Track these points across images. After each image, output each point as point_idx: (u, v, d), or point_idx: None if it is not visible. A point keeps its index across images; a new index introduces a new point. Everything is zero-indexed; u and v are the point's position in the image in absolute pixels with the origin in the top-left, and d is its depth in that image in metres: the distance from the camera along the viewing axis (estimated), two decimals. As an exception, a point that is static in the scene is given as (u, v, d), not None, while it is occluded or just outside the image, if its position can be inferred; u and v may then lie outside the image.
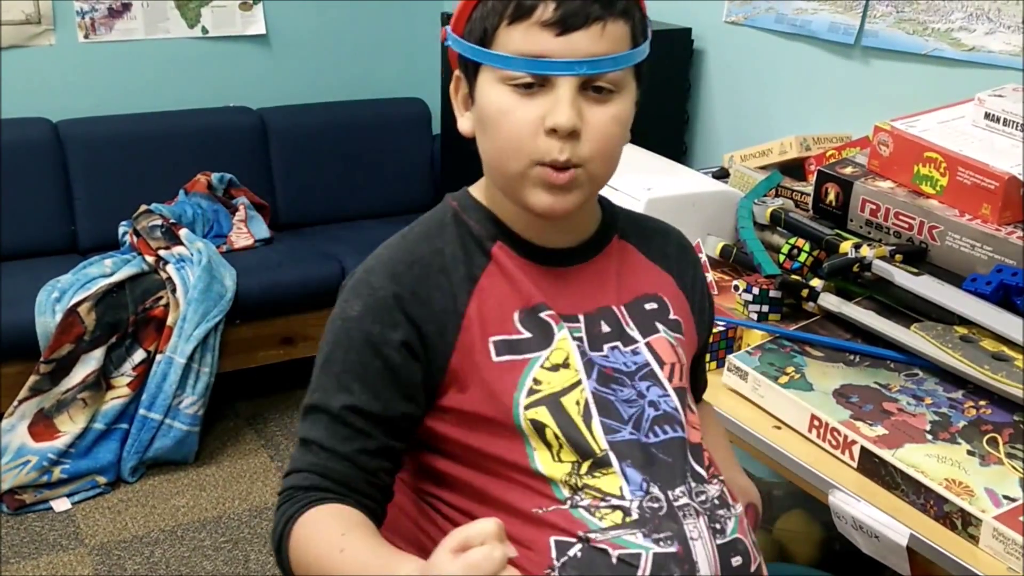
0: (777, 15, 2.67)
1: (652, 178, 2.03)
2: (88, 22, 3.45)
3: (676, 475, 1.01)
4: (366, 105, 3.81)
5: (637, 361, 1.06)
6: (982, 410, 1.46)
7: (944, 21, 2.22)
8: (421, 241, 1.07)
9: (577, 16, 0.96)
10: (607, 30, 0.98)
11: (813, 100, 2.61)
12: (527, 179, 1.00)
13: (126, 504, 2.88)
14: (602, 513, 0.97)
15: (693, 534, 0.98)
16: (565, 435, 0.99)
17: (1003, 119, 1.76)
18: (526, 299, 1.04)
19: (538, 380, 1.01)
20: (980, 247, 1.65)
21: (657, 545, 0.96)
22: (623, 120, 1.02)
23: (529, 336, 1.03)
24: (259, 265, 3.21)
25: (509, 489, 1.00)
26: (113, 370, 2.93)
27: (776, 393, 1.54)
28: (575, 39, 0.97)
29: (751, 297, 1.76)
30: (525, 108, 0.98)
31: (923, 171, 1.77)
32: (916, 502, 1.34)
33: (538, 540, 0.97)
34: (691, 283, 1.18)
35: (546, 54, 0.97)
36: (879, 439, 1.41)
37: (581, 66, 0.97)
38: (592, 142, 0.99)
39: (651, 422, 1.03)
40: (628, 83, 1.02)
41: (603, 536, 0.96)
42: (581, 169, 1.00)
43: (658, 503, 0.99)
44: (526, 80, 0.98)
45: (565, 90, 0.97)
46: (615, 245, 1.13)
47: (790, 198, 2.08)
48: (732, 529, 1.02)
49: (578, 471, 0.99)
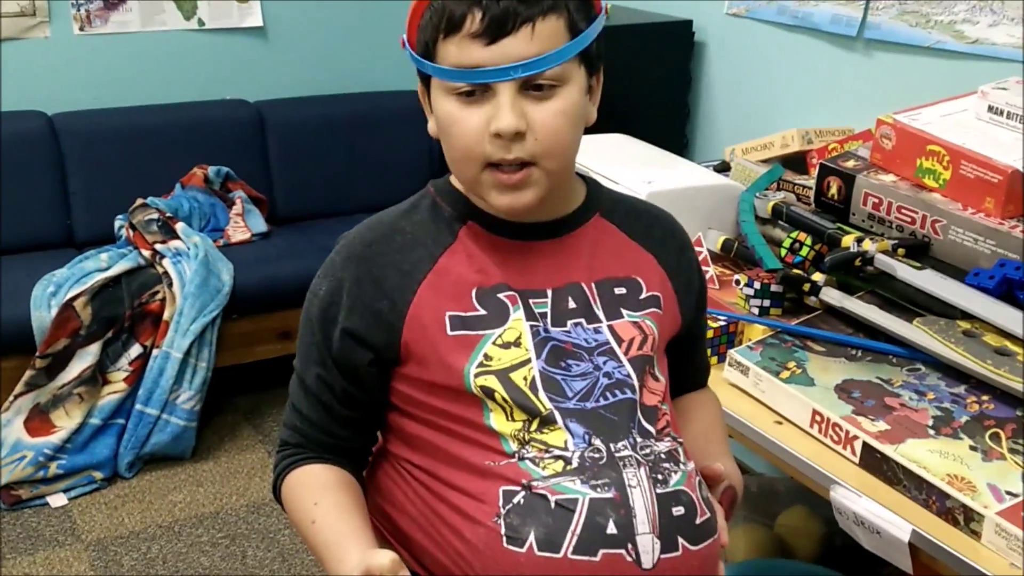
0: (779, 7, 2.65)
1: (653, 171, 2.03)
2: (83, 14, 3.44)
3: (620, 430, 1.06)
4: (364, 98, 3.79)
5: (598, 339, 1.10)
6: (985, 405, 1.45)
7: (947, 13, 2.21)
8: (388, 221, 1.15)
9: (504, 23, 1.00)
10: (537, 30, 1.01)
11: (815, 93, 2.60)
12: (483, 183, 1.06)
13: (123, 500, 2.88)
14: (545, 463, 1.03)
15: (632, 482, 1.03)
16: (513, 399, 1.05)
17: (1006, 112, 1.75)
18: (486, 278, 1.09)
19: (489, 356, 1.06)
20: (983, 241, 1.64)
21: (594, 491, 1.02)
22: (570, 111, 1.05)
23: (484, 313, 1.08)
24: (256, 259, 3.20)
25: (465, 446, 1.06)
26: (109, 365, 2.92)
27: (777, 388, 1.54)
28: (505, 45, 1.00)
29: (752, 291, 1.75)
30: (470, 116, 1.03)
31: (926, 164, 1.76)
32: (918, 497, 1.34)
33: (488, 491, 1.03)
34: (675, 264, 1.20)
35: (480, 63, 1.01)
36: (881, 434, 1.40)
37: (516, 70, 1.00)
38: (540, 139, 1.03)
39: (603, 389, 1.08)
40: (572, 73, 1.05)
41: (544, 483, 1.02)
42: (534, 166, 1.04)
43: (599, 453, 1.04)
44: (467, 89, 1.02)
45: (505, 95, 1.01)
46: (594, 223, 1.16)
47: (792, 192, 2.08)
48: (677, 481, 1.06)
49: (528, 428, 1.05)
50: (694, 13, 2.92)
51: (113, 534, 2.73)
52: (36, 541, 2.70)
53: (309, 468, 1.14)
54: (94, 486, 2.91)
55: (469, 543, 1.03)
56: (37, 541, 2.70)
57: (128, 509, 2.84)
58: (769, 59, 2.73)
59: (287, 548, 2.70)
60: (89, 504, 2.85)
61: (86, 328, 2.84)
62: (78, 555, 2.65)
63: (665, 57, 2.90)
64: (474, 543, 1.03)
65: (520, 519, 1.01)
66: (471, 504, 1.04)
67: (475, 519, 1.03)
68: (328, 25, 3.82)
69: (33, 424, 2.83)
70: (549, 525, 1.01)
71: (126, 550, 2.67)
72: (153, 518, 2.80)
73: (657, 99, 2.93)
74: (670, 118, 2.99)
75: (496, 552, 1.02)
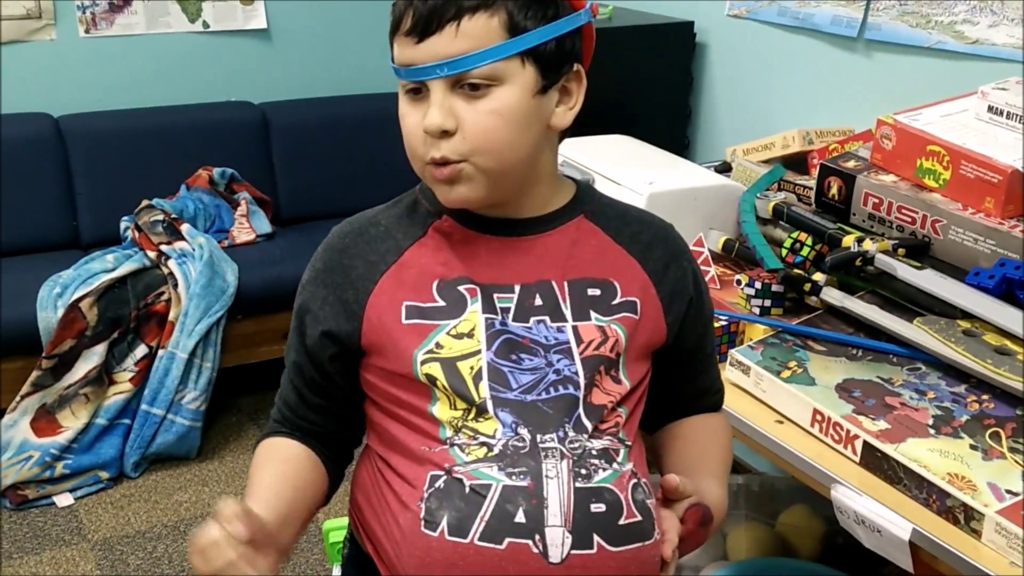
0: (780, 8, 2.66)
1: (654, 172, 2.03)
2: (89, 17, 3.45)
3: (551, 423, 1.05)
4: (368, 99, 3.79)
5: (559, 338, 1.09)
6: (985, 404, 1.45)
7: (947, 14, 2.21)
8: (369, 215, 1.18)
9: (429, 22, 1.01)
10: (462, 29, 1.01)
11: (816, 94, 2.60)
12: (427, 178, 1.09)
13: (129, 499, 2.89)
14: (470, 450, 1.04)
15: (550, 473, 1.02)
16: (452, 388, 1.05)
17: (1006, 112, 1.75)
18: (449, 271, 1.10)
19: (440, 344, 1.07)
20: (983, 241, 1.64)
21: (509, 479, 1.01)
22: (505, 111, 1.03)
23: (442, 305, 1.09)
24: (261, 260, 3.21)
25: (409, 433, 1.08)
26: (115, 365, 2.93)
27: (778, 387, 1.54)
28: (432, 43, 1.01)
29: (753, 291, 1.76)
30: (413, 113, 1.06)
31: (926, 165, 1.76)
32: (918, 496, 1.34)
33: (419, 476, 1.05)
34: (662, 271, 1.16)
35: (412, 62, 1.03)
36: (881, 433, 1.41)
37: (440, 69, 1.01)
38: (468, 138, 1.03)
39: (548, 384, 1.07)
40: (511, 73, 1.03)
41: (464, 468, 1.03)
42: (465, 163, 1.04)
43: (522, 443, 1.03)
44: (412, 87, 1.05)
45: (435, 93, 1.03)
46: (577, 223, 1.15)
47: (792, 192, 2.08)
48: (603, 479, 1.04)
49: (465, 417, 1.05)
50: (695, 14, 2.92)
51: (119, 533, 2.74)
52: (43, 541, 2.71)
53: (274, 440, 1.18)
54: (100, 486, 2.92)
55: (400, 527, 1.05)
56: (44, 541, 2.71)
57: (134, 509, 2.85)
58: (770, 60, 2.73)
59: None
60: (95, 504, 2.87)
61: (92, 329, 2.85)
62: (84, 554, 2.66)
63: (666, 58, 2.90)
64: (403, 527, 1.04)
65: (437, 503, 1.02)
66: (405, 488, 1.06)
67: (405, 503, 1.05)
68: (332, 27, 3.82)
69: (39, 424, 2.84)
70: (461, 510, 1.01)
71: (132, 549, 2.68)
72: (159, 518, 2.81)
73: (658, 100, 2.94)
74: (671, 119, 2.99)
75: (415, 536, 1.03)
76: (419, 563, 1.03)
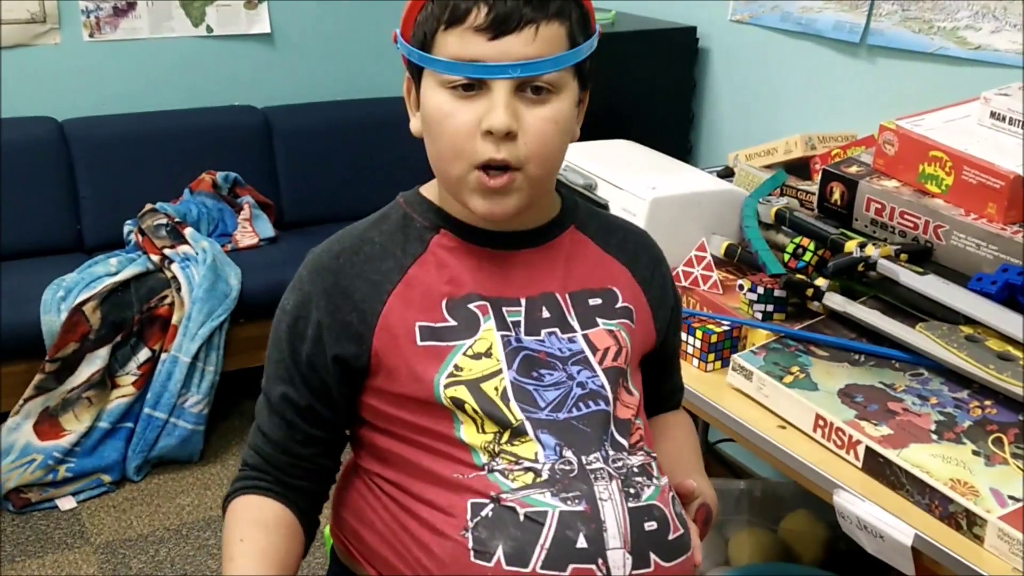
0: (782, 14, 2.66)
1: (656, 177, 2.03)
2: (93, 21, 3.46)
3: (592, 442, 1.04)
4: (371, 104, 3.80)
5: (572, 348, 1.09)
6: (987, 410, 1.45)
7: (950, 19, 2.21)
8: (356, 233, 1.12)
9: (509, 20, 0.98)
10: (540, 33, 1.00)
11: (818, 99, 2.60)
12: (466, 184, 1.03)
13: (131, 503, 2.89)
14: (515, 475, 1.01)
15: (603, 495, 1.01)
16: (483, 410, 1.03)
17: (1009, 118, 1.75)
18: (457, 288, 1.08)
19: (459, 366, 1.04)
20: (985, 246, 1.64)
21: (564, 504, 0.99)
22: (561, 120, 1.04)
23: (455, 324, 1.06)
24: (264, 264, 3.21)
25: (435, 459, 1.04)
26: (118, 369, 2.94)
27: (781, 393, 1.54)
28: (508, 43, 0.99)
29: (756, 296, 1.75)
30: (463, 111, 1.01)
31: (928, 170, 1.76)
32: (921, 502, 1.34)
33: (457, 504, 1.01)
34: (649, 277, 1.19)
35: (480, 58, 0.99)
36: (884, 439, 1.40)
37: (515, 69, 0.99)
38: (529, 143, 1.01)
39: (576, 400, 1.06)
40: (567, 83, 1.04)
41: (513, 496, 1.00)
42: (519, 172, 1.02)
43: (570, 466, 1.02)
44: (463, 83, 1.01)
45: (500, 93, 1.00)
46: (569, 235, 1.15)
47: (795, 197, 2.08)
48: (649, 496, 1.04)
49: (499, 440, 1.03)
50: (698, 20, 2.92)
51: (121, 537, 2.75)
52: (45, 544, 2.71)
53: (254, 499, 1.10)
54: (103, 489, 2.92)
55: (436, 557, 1.01)
56: (46, 544, 2.71)
57: (136, 512, 2.85)
58: (772, 65, 2.74)
59: (294, 551, 2.71)
60: (98, 507, 2.87)
61: (95, 332, 2.85)
62: (87, 558, 2.66)
63: (669, 63, 2.90)
64: (441, 557, 1.00)
65: (488, 532, 0.99)
66: (439, 518, 1.01)
67: (443, 533, 1.01)
68: (335, 31, 3.83)
69: (42, 428, 2.85)
70: (518, 538, 0.98)
71: (134, 553, 2.68)
72: (161, 521, 2.81)
73: (661, 105, 2.94)
74: (674, 124, 2.99)
75: (463, 566, 0.99)
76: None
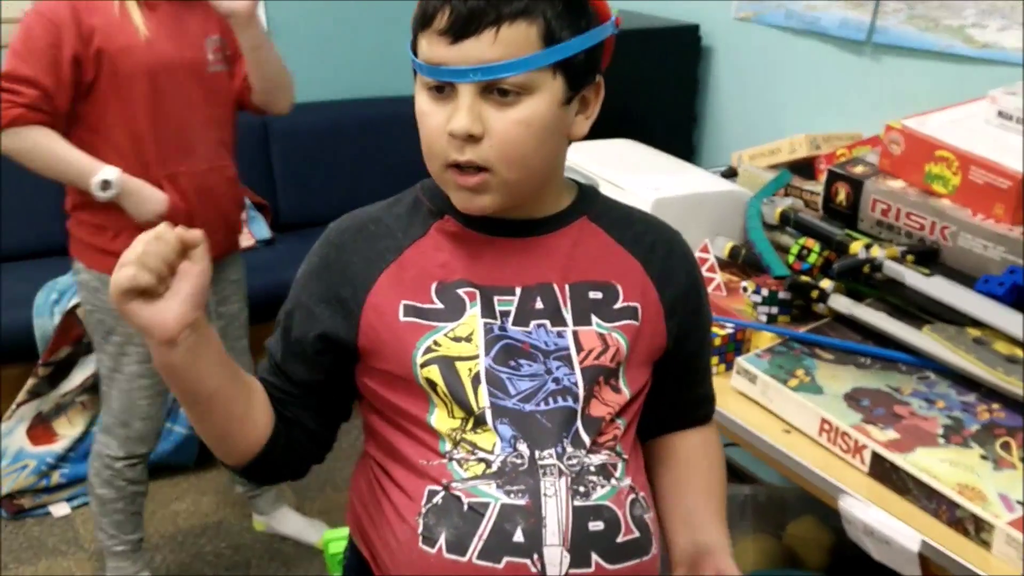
0: (787, 11, 2.64)
1: (660, 177, 2.03)
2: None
3: (550, 438, 1.04)
4: (368, 104, 3.80)
5: (559, 343, 1.08)
6: (995, 413, 1.45)
7: (956, 17, 2.20)
8: (369, 211, 1.17)
9: (468, 24, 0.99)
10: (501, 35, 0.99)
11: (823, 98, 2.59)
12: (445, 180, 1.07)
13: (126, 508, 2.87)
14: (468, 465, 1.03)
15: (548, 491, 1.02)
16: (451, 392, 1.04)
17: (1016, 117, 1.74)
18: (448, 273, 1.09)
19: (438, 343, 1.06)
20: (993, 247, 1.63)
21: (507, 496, 1.01)
22: (534, 122, 1.02)
23: (440, 307, 1.08)
24: (260, 266, 3.18)
25: (410, 443, 1.07)
26: (113, 373, 2.92)
27: (785, 396, 1.53)
28: (467, 46, 0.99)
29: (760, 299, 1.75)
30: (436, 112, 1.03)
31: (935, 170, 1.75)
32: (928, 507, 1.33)
33: (418, 490, 1.05)
34: (665, 274, 1.15)
35: (443, 62, 1.01)
36: (890, 443, 1.40)
37: (475, 73, 1.00)
38: (495, 145, 1.02)
39: (547, 394, 1.06)
40: (542, 83, 1.02)
41: (462, 485, 1.03)
42: (489, 173, 1.03)
43: (521, 459, 1.03)
44: (436, 85, 1.03)
45: (464, 96, 1.01)
46: (579, 225, 1.14)
47: (800, 198, 2.08)
48: (602, 496, 1.04)
49: (463, 428, 1.05)
50: (701, 18, 2.91)
51: (116, 543, 2.72)
52: (39, 550, 2.69)
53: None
54: (97, 495, 2.90)
55: (397, 539, 1.05)
56: (40, 550, 2.69)
57: (131, 518, 2.83)
58: (777, 64, 2.72)
59: (291, 558, 2.69)
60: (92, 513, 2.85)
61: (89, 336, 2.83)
62: (81, 565, 2.64)
63: (672, 62, 2.89)
64: (400, 539, 1.05)
65: (435, 519, 1.02)
66: (403, 501, 1.05)
67: (403, 516, 1.05)
68: (332, 31, 3.82)
69: (35, 432, 2.84)
70: (459, 527, 1.01)
71: (129, 559, 2.66)
72: (156, 528, 2.79)
73: (664, 104, 2.92)
74: (677, 123, 2.98)
75: (412, 550, 1.03)
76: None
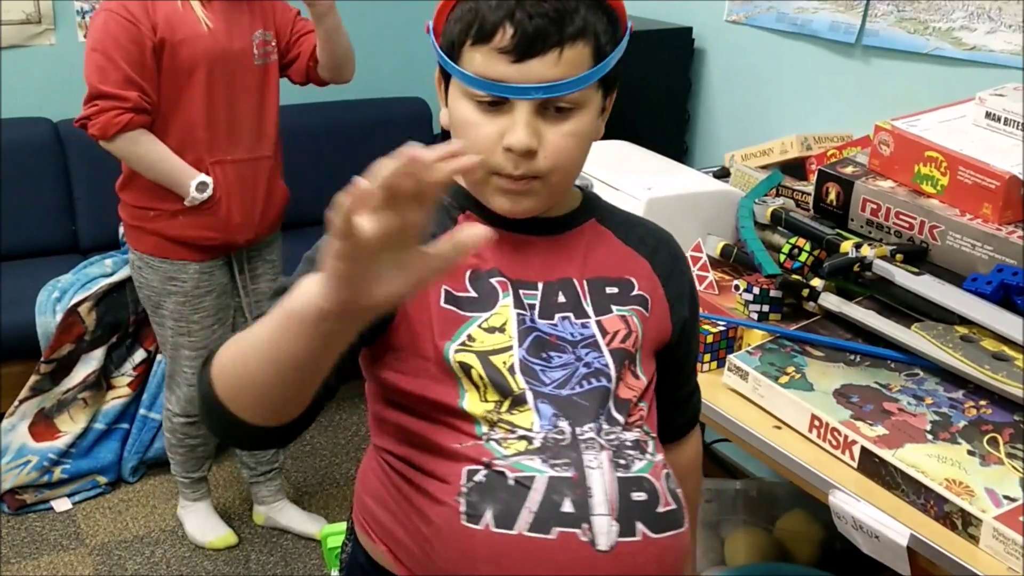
0: (778, 14, 2.66)
1: (652, 177, 2.03)
2: (88, 22, 3.45)
3: (588, 415, 1.06)
4: (366, 105, 3.79)
5: (584, 333, 1.10)
6: (982, 410, 1.46)
7: (945, 20, 2.22)
8: None
9: (533, 44, 1.00)
10: (564, 55, 1.02)
11: (814, 99, 2.60)
12: (487, 185, 1.08)
13: (127, 504, 2.89)
14: (509, 443, 1.03)
15: (592, 464, 1.03)
16: (488, 377, 1.05)
17: (1004, 118, 1.75)
18: (481, 262, 1.10)
19: (472, 337, 1.06)
20: (981, 247, 1.64)
21: (553, 470, 1.02)
22: (582, 133, 1.07)
23: (474, 296, 1.08)
24: (260, 265, 3.20)
25: (438, 430, 1.06)
26: (113, 370, 2.93)
27: (776, 393, 1.54)
28: (531, 66, 1.01)
29: (752, 297, 1.75)
30: (486, 124, 1.04)
31: (924, 171, 1.76)
32: (916, 502, 1.34)
33: (453, 472, 1.03)
34: (669, 273, 1.20)
35: (503, 79, 1.02)
36: (879, 439, 1.41)
37: (537, 91, 1.02)
38: (549, 158, 1.05)
39: (580, 378, 1.08)
40: (590, 97, 1.07)
41: (505, 462, 1.02)
42: (538, 180, 1.06)
43: (562, 435, 1.04)
44: (487, 99, 1.04)
45: (522, 112, 1.03)
46: (590, 226, 1.17)
47: (791, 197, 2.08)
48: (640, 469, 1.06)
49: (499, 409, 1.05)
50: (694, 20, 2.92)
51: (117, 538, 2.74)
52: (40, 545, 2.71)
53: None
54: (98, 490, 2.92)
55: (432, 523, 1.04)
56: (41, 545, 2.71)
57: (132, 513, 2.85)
58: (768, 66, 2.74)
59: (290, 552, 2.71)
60: (93, 508, 2.86)
61: (90, 333, 2.85)
62: (82, 559, 2.66)
63: (665, 64, 2.90)
64: (436, 523, 1.03)
65: (479, 496, 1.02)
66: (436, 485, 1.04)
67: (438, 499, 1.04)
68: (331, 32, 3.81)
69: (38, 429, 2.84)
70: (506, 502, 1.01)
71: (130, 554, 2.68)
72: (157, 522, 2.81)
73: (657, 106, 2.94)
74: (670, 124, 2.99)
75: (455, 530, 1.02)
76: (461, 557, 1.02)
